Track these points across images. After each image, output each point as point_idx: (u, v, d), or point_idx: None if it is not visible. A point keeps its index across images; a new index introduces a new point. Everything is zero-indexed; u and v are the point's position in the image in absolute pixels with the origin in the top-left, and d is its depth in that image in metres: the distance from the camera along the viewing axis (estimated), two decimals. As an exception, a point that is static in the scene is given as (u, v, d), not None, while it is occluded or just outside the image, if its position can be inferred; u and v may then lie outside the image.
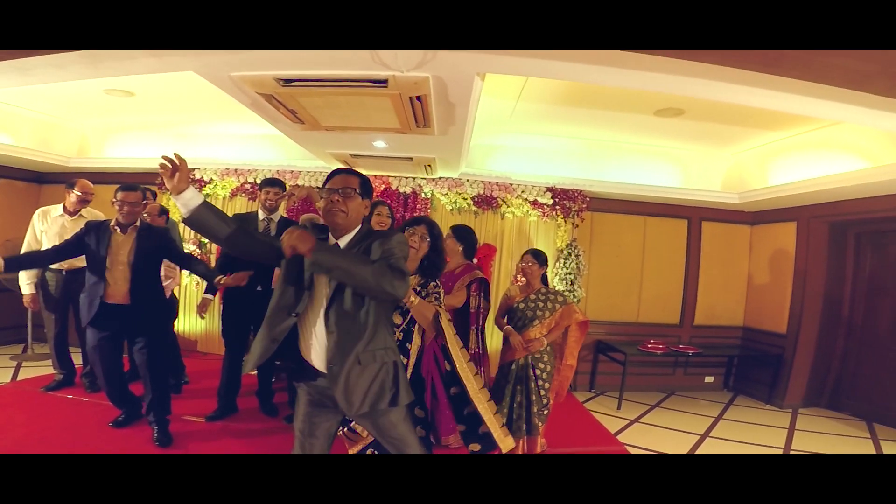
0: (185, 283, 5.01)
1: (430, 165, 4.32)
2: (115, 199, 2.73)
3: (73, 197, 3.58)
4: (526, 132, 4.60)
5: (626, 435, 3.75)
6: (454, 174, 4.77)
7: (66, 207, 3.61)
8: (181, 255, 3.02)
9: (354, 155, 4.14)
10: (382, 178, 4.87)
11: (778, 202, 4.65)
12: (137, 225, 2.81)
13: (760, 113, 3.32)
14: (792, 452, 3.57)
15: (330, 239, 1.72)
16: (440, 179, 4.85)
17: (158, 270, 2.95)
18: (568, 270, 4.75)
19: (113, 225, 2.76)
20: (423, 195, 4.88)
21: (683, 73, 2.11)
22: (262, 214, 3.33)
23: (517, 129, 4.49)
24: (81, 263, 2.95)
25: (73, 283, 3.53)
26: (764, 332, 5.03)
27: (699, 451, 3.52)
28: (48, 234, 3.56)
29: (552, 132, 4.58)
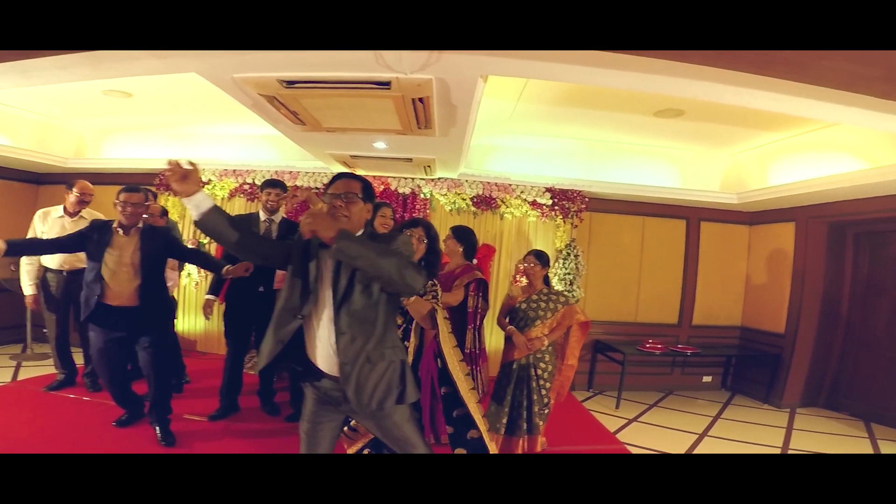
0: (183, 283, 5.01)
1: (429, 166, 4.33)
2: (117, 200, 2.71)
3: (72, 198, 3.57)
4: (525, 133, 4.61)
5: (624, 434, 3.77)
6: (453, 175, 4.78)
7: (66, 209, 3.61)
8: (187, 250, 3.03)
9: (354, 156, 4.14)
10: (382, 178, 4.87)
11: (776, 202, 4.67)
12: (140, 226, 2.80)
13: (759, 114, 3.33)
14: (790, 452, 3.59)
15: None
16: (439, 180, 4.86)
17: (163, 270, 2.95)
18: (567, 271, 4.77)
19: (115, 226, 2.75)
20: (422, 196, 4.90)
21: (683, 74, 2.12)
22: (263, 215, 3.34)
23: (516, 129, 4.50)
24: (82, 264, 2.95)
25: (73, 283, 3.53)
26: (762, 331, 5.04)
27: (697, 450, 3.54)
28: (49, 235, 3.55)
29: (551, 133, 4.59)
